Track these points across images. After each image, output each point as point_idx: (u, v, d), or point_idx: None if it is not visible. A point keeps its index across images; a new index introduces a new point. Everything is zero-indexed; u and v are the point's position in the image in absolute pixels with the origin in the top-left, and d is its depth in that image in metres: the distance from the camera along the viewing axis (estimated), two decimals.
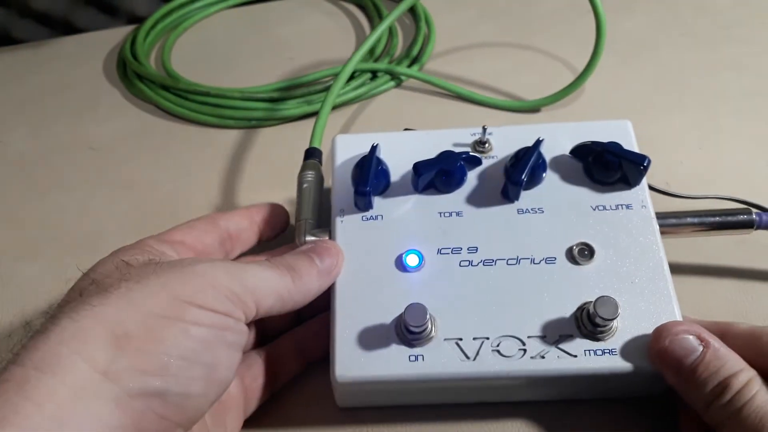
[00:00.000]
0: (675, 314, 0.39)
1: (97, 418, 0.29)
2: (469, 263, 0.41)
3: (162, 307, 0.32)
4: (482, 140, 0.46)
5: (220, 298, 0.34)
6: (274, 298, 0.37)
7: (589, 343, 0.38)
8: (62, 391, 0.28)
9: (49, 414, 0.28)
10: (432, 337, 0.39)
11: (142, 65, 0.73)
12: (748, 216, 0.46)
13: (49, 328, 0.31)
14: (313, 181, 0.47)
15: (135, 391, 0.30)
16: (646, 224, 0.42)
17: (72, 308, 0.32)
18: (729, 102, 0.65)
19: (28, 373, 0.29)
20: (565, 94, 0.65)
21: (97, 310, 0.31)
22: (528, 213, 0.43)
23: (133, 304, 0.32)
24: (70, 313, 0.31)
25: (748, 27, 0.74)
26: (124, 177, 0.64)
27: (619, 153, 0.42)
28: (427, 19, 0.77)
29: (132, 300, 0.32)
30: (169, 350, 0.32)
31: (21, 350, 0.30)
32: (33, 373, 0.29)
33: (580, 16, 0.77)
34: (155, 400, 0.31)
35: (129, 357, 0.30)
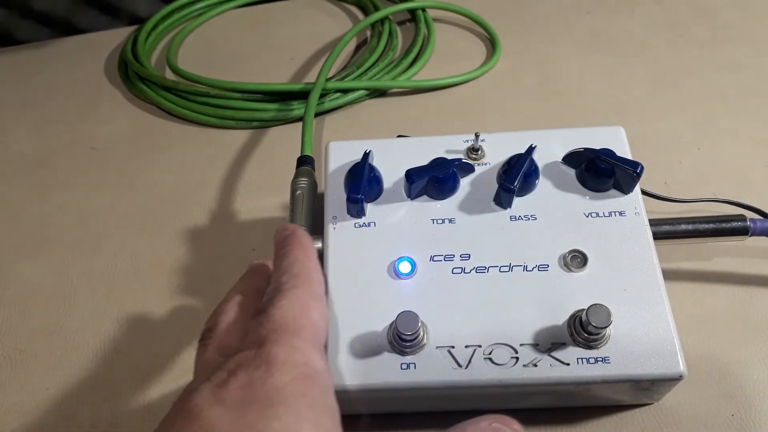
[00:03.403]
0: (668, 322, 0.39)
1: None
2: (461, 270, 0.41)
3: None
4: (475, 147, 0.46)
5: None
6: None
7: (582, 351, 0.38)
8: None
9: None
10: (424, 344, 0.39)
11: (143, 66, 0.73)
12: (742, 223, 0.45)
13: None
14: (306, 187, 0.48)
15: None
16: (640, 231, 0.42)
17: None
18: (728, 102, 0.64)
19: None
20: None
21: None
22: (521, 220, 0.43)
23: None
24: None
25: (747, 28, 0.73)
26: (125, 177, 0.64)
27: (612, 160, 0.42)
28: (427, 21, 0.77)
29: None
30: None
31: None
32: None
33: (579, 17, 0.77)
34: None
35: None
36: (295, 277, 0.36)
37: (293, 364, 0.31)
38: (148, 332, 0.51)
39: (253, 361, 0.31)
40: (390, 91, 0.71)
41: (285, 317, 0.33)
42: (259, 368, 0.30)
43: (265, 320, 0.33)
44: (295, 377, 0.30)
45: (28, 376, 0.50)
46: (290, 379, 0.30)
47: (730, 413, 0.43)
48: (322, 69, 0.64)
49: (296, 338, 0.32)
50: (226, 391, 0.29)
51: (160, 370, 0.49)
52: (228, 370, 0.31)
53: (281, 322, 0.33)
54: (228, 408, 0.29)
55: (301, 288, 0.35)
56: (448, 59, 0.74)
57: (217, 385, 0.30)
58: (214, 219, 0.59)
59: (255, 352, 0.31)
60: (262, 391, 0.29)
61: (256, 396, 0.29)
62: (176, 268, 0.56)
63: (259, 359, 0.31)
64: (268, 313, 0.33)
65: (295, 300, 0.34)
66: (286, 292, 0.35)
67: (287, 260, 0.37)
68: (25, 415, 0.48)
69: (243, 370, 0.30)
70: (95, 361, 0.50)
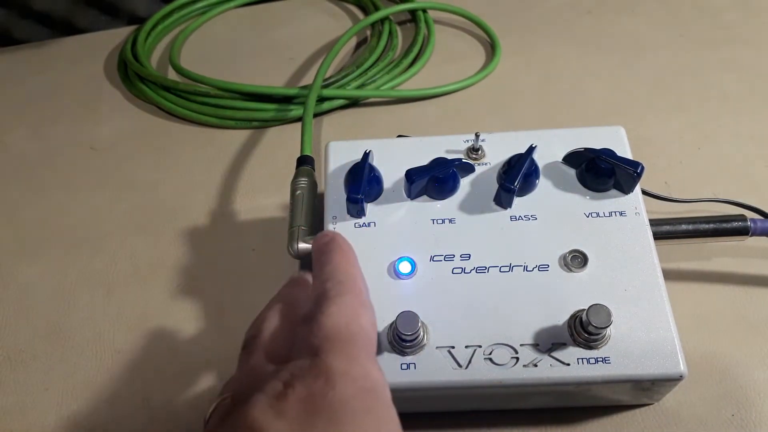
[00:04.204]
0: (668, 322, 0.39)
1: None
2: (461, 270, 0.41)
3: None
4: (475, 147, 0.45)
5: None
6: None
7: (582, 351, 0.38)
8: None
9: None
10: (424, 345, 0.39)
11: (143, 66, 0.73)
12: (743, 223, 0.45)
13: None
14: (306, 187, 0.48)
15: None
16: (640, 231, 0.42)
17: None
18: (728, 102, 0.64)
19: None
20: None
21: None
22: (521, 220, 0.43)
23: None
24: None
25: (747, 28, 0.73)
26: (125, 177, 0.64)
27: (613, 160, 0.42)
28: (427, 21, 0.77)
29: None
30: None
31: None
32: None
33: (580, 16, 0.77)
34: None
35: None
36: (340, 283, 0.35)
37: (353, 376, 0.30)
38: (148, 332, 0.51)
39: (310, 371, 0.29)
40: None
41: (337, 325, 0.32)
42: (317, 379, 0.29)
43: (315, 328, 0.32)
44: (357, 391, 0.29)
45: (28, 376, 0.50)
46: (353, 393, 0.29)
47: (730, 413, 0.43)
48: (320, 69, 0.64)
49: (351, 347, 0.31)
50: (286, 403, 0.28)
51: (160, 370, 0.49)
52: (283, 381, 0.29)
53: (333, 330, 0.31)
54: (291, 422, 0.27)
55: (347, 295, 0.34)
56: (448, 59, 0.74)
57: (275, 397, 0.28)
58: (214, 219, 0.59)
59: (310, 361, 0.30)
60: (324, 404, 0.28)
61: (318, 410, 0.28)
62: (176, 268, 0.55)
63: (317, 369, 0.29)
64: (317, 320, 0.32)
65: (344, 307, 0.33)
66: (334, 299, 0.33)
67: (329, 267, 0.36)
68: (25, 415, 0.48)
69: (300, 381, 0.29)
70: (95, 361, 0.50)
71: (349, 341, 0.31)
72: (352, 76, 0.69)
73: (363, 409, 0.28)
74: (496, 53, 0.72)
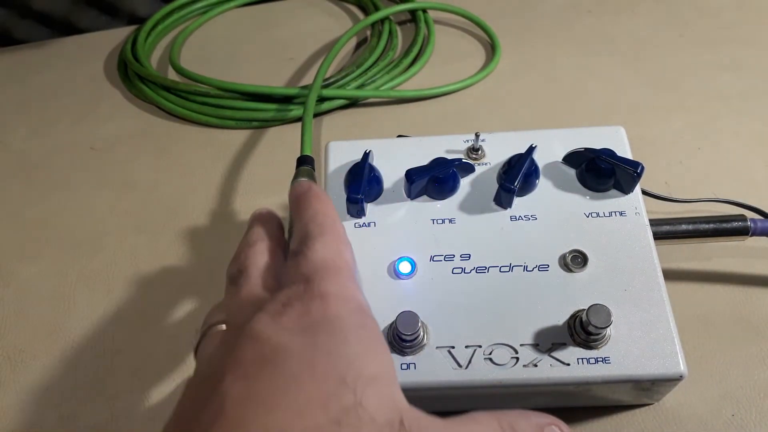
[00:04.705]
0: (668, 322, 0.39)
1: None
2: (461, 270, 0.41)
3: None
4: (475, 147, 0.45)
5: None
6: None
7: (582, 351, 0.38)
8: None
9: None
10: (424, 344, 0.39)
11: (143, 66, 0.73)
12: (743, 223, 0.45)
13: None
14: None
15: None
16: (640, 231, 0.42)
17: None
18: (728, 102, 0.64)
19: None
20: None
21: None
22: (521, 220, 0.43)
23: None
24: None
25: (747, 27, 0.73)
26: (125, 177, 0.64)
27: (613, 160, 0.42)
28: (427, 21, 0.77)
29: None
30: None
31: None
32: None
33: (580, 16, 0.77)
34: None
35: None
36: (321, 225, 0.36)
37: (345, 297, 0.32)
38: (148, 332, 0.51)
39: (305, 293, 0.31)
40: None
41: (324, 258, 0.34)
42: (313, 300, 0.31)
43: (303, 260, 0.34)
44: (350, 310, 0.31)
45: (28, 376, 0.50)
46: (347, 311, 0.31)
47: (730, 413, 0.43)
48: (320, 70, 0.64)
49: (339, 275, 0.33)
50: (287, 318, 0.30)
51: (160, 370, 0.49)
52: (281, 302, 0.31)
53: (321, 263, 0.33)
54: (294, 333, 0.29)
55: (329, 234, 0.36)
56: (448, 60, 0.74)
57: (275, 314, 0.30)
58: (214, 219, 0.59)
59: (304, 286, 0.32)
60: (322, 319, 0.30)
61: (318, 324, 0.30)
62: (176, 268, 0.55)
63: (311, 293, 0.31)
64: (305, 254, 0.34)
65: (328, 244, 0.35)
66: (317, 237, 0.35)
67: (309, 211, 0.38)
68: (25, 415, 0.48)
69: (297, 300, 0.31)
70: (95, 361, 0.50)
71: (337, 271, 0.33)
72: (352, 76, 0.69)
73: (357, 323, 0.31)
74: (496, 53, 0.72)
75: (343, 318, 0.30)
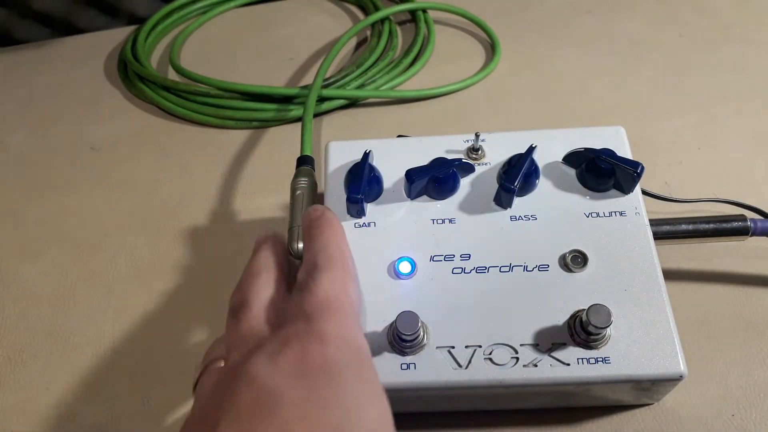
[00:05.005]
0: (668, 322, 0.39)
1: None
2: (461, 270, 0.41)
3: None
4: (475, 147, 0.45)
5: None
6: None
7: (582, 351, 0.38)
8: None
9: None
10: (424, 345, 0.39)
11: (143, 66, 0.73)
12: (743, 223, 0.45)
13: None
14: (306, 187, 0.48)
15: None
16: (640, 231, 0.42)
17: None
18: (728, 102, 0.64)
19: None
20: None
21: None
22: (521, 220, 0.43)
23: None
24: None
25: (747, 27, 0.73)
26: (125, 177, 0.64)
27: (613, 160, 0.42)
28: (427, 21, 0.77)
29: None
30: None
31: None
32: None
33: (580, 16, 0.77)
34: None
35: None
36: (330, 257, 0.36)
37: (344, 339, 0.31)
38: (148, 332, 0.51)
39: (305, 333, 0.31)
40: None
41: (327, 295, 0.33)
42: (312, 341, 0.30)
43: (308, 296, 0.33)
44: (348, 353, 0.31)
45: (28, 376, 0.50)
46: (345, 355, 0.31)
47: (730, 413, 0.43)
48: (320, 70, 0.64)
49: (341, 315, 0.33)
50: (284, 360, 0.30)
51: (160, 370, 0.49)
52: (279, 342, 0.31)
53: (324, 300, 0.33)
54: (290, 378, 0.29)
55: (337, 269, 0.36)
56: (448, 60, 0.74)
57: (272, 354, 0.30)
58: (214, 219, 0.59)
59: (305, 326, 0.32)
60: (320, 362, 0.30)
61: (315, 369, 0.29)
62: (176, 268, 0.55)
63: (311, 332, 0.31)
64: (310, 290, 0.34)
65: (334, 279, 0.35)
66: (325, 271, 0.35)
67: (321, 240, 0.38)
68: (25, 415, 0.48)
69: (296, 341, 0.31)
70: (95, 361, 0.50)
71: (339, 309, 0.33)
72: (352, 76, 0.69)
73: (355, 372, 0.30)
74: (495, 53, 0.72)
75: (341, 365, 0.30)
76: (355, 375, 0.30)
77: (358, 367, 0.31)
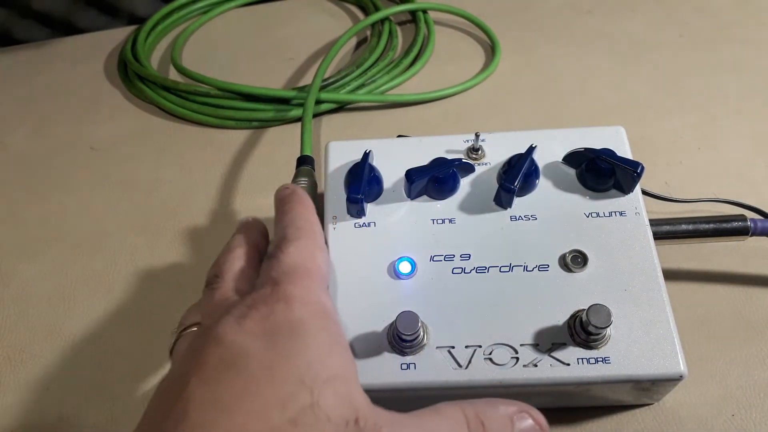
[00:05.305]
0: (668, 322, 0.39)
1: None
2: (461, 270, 0.41)
3: None
4: (475, 147, 0.45)
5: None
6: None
7: (582, 351, 0.38)
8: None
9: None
10: (424, 345, 0.39)
11: (143, 66, 0.73)
12: (743, 223, 0.45)
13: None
14: (306, 187, 0.48)
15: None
16: (640, 231, 0.42)
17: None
18: (728, 102, 0.64)
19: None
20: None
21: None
22: (521, 220, 0.43)
23: None
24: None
25: (747, 27, 0.73)
26: (125, 177, 0.64)
27: (613, 160, 0.42)
28: (427, 22, 0.77)
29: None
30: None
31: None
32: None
33: (579, 17, 0.77)
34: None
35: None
36: (299, 229, 0.38)
37: (309, 301, 0.33)
38: (148, 332, 0.51)
39: (271, 296, 0.33)
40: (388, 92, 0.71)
41: (295, 262, 0.35)
42: (278, 303, 0.32)
43: (276, 264, 0.35)
44: (313, 313, 0.33)
45: (28, 376, 0.50)
46: (309, 314, 0.32)
47: (730, 413, 0.43)
48: (319, 70, 0.64)
49: (307, 279, 0.35)
50: (250, 321, 0.31)
51: (161, 370, 0.49)
52: (247, 305, 0.33)
53: (292, 266, 0.35)
54: (256, 337, 0.31)
55: (305, 239, 0.37)
56: (448, 60, 0.74)
57: (239, 317, 0.32)
58: (214, 219, 0.59)
59: (271, 289, 0.33)
60: (285, 323, 0.31)
61: (279, 327, 0.31)
62: (176, 268, 0.55)
63: (276, 295, 0.33)
64: (278, 258, 0.36)
65: (302, 248, 0.37)
66: (293, 241, 0.37)
67: (290, 215, 0.39)
68: (25, 415, 0.48)
69: (262, 303, 0.32)
70: (95, 361, 0.50)
71: (306, 275, 0.35)
72: (352, 76, 0.69)
73: (319, 327, 0.32)
74: (495, 54, 0.72)
75: (305, 322, 0.32)
76: (319, 330, 0.32)
77: (322, 323, 0.33)
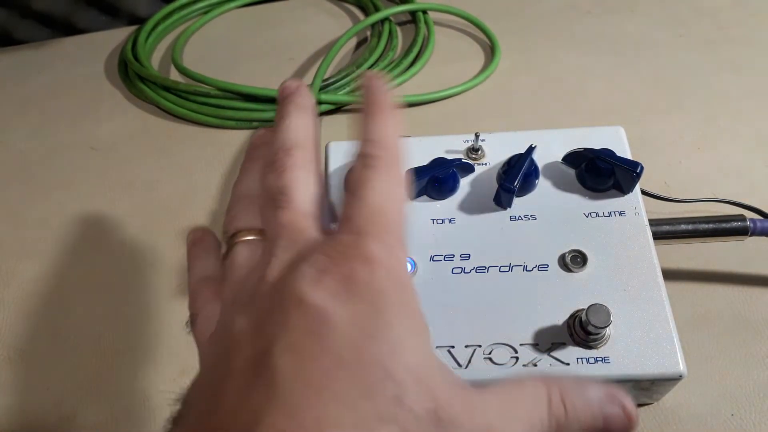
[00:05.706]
0: (668, 321, 0.39)
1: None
2: (461, 270, 0.41)
3: None
4: (475, 147, 0.46)
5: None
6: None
7: (582, 351, 0.38)
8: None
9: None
10: None
11: (143, 66, 0.73)
12: (742, 223, 0.45)
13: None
14: None
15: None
16: (639, 231, 0.42)
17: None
18: (728, 102, 0.64)
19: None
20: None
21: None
22: (521, 220, 0.43)
23: None
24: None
25: (746, 28, 0.73)
26: (125, 177, 0.64)
27: (612, 160, 0.42)
28: (427, 22, 0.77)
29: None
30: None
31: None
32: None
33: (579, 16, 0.77)
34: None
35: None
36: (381, 156, 0.31)
37: (390, 265, 0.28)
38: (148, 332, 0.51)
39: (353, 250, 0.28)
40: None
41: (380, 205, 0.30)
42: (359, 261, 0.27)
43: (358, 205, 0.30)
44: (394, 282, 0.28)
45: (28, 376, 0.50)
46: (390, 284, 0.27)
47: (729, 413, 0.43)
48: (318, 70, 0.64)
49: (391, 236, 0.29)
50: (331, 279, 0.27)
51: (161, 370, 0.49)
52: (326, 255, 0.28)
53: (376, 211, 0.30)
54: (339, 302, 0.26)
55: (390, 169, 0.31)
56: (447, 60, 0.74)
57: (321, 270, 0.27)
58: (214, 219, 0.59)
59: (354, 240, 0.28)
60: (366, 291, 0.27)
61: (360, 295, 0.27)
62: (176, 268, 0.55)
63: (358, 250, 0.28)
64: (362, 197, 0.30)
65: (386, 184, 0.30)
66: (376, 170, 0.31)
67: (374, 125, 0.32)
68: (25, 415, 0.48)
69: (343, 258, 0.28)
70: (95, 361, 0.50)
71: (389, 228, 0.30)
72: (352, 76, 0.69)
73: (398, 302, 0.28)
74: (495, 54, 0.72)
75: (386, 293, 0.27)
76: (400, 306, 0.27)
77: (402, 297, 0.28)
